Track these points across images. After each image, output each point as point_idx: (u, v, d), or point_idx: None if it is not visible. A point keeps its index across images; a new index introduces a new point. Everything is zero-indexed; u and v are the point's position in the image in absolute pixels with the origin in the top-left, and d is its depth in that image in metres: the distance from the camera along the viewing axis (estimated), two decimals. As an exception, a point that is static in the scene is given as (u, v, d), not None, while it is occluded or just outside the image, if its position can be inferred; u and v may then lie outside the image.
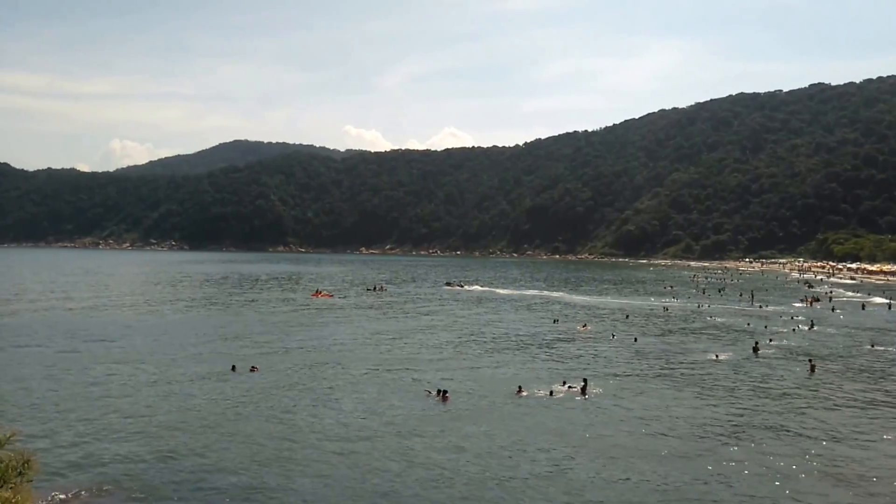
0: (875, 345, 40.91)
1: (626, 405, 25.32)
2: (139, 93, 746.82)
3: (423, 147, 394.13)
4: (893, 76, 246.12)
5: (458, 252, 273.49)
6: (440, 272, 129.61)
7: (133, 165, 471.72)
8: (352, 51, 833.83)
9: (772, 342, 41.26)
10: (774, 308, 64.07)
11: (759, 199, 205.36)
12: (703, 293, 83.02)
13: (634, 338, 42.59)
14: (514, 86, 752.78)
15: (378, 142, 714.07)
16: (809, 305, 67.47)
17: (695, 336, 45.00)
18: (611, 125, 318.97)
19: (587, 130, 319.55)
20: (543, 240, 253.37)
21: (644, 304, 66.96)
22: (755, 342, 39.72)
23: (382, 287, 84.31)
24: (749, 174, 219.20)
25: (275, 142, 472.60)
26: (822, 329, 48.66)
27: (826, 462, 19.15)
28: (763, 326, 48.91)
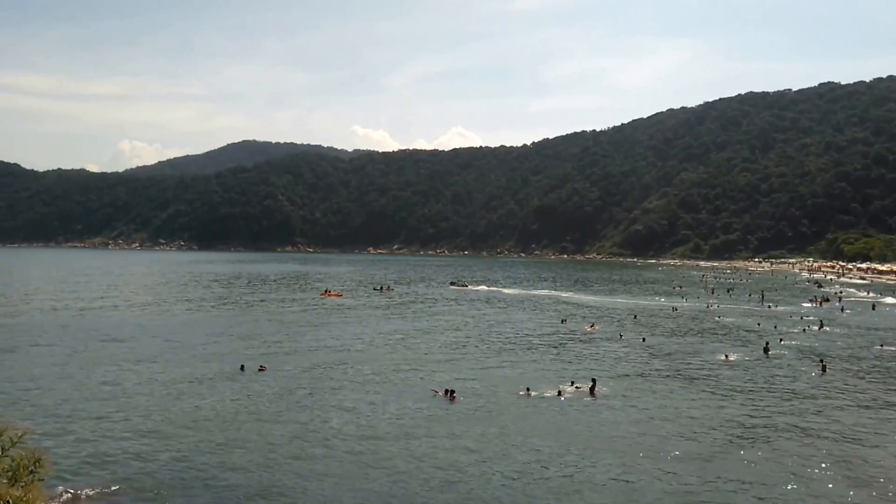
0: (885, 345, 40.68)
1: (636, 405, 25.23)
2: (148, 93, 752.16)
3: (431, 147, 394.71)
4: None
5: (466, 252, 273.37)
6: (448, 272, 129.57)
7: (142, 166, 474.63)
8: (360, 51, 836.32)
9: (782, 342, 41.09)
10: (784, 308, 63.74)
11: (769, 199, 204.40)
12: (712, 293, 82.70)
13: (643, 338, 42.46)
14: (522, 85, 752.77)
15: (386, 142, 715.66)
16: (819, 305, 67.10)
17: (704, 336, 44.82)
18: (619, 125, 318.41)
19: (595, 130, 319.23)
20: (551, 240, 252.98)
21: (653, 305, 66.75)
22: (766, 342, 39.53)
23: (389, 287, 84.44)
24: (758, 174, 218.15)
25: (283, 142, 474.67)
26: (832, 329, 48.44)
27: (843, 463, 18.97)
28: (773, 327, 48.67)
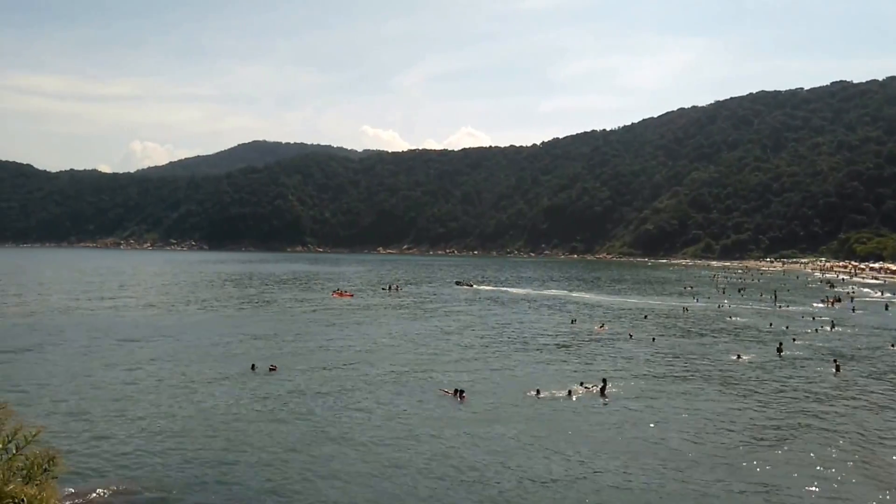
0: None
1: (647, 406, 25.12)
2: (159, 94, 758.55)
3: (441, 147, 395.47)
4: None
5: (476, 252, 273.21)
6: (457, 272, 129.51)
7: (153, 166, 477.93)
8: (369, 51, 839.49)
9: (796, 342, 40.85)
10: (795, 308, 63.33)
11: (780, 198, 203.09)
12: (723, 293, 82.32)
13: (653, 338, 42.30)
14: (532, 85, 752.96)
15: (395, 142, 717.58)
16: (830, 305, 66.64)
17: (716, 336, 44.58)
18: (629, 124, 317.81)
19: (605, 129, 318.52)
20: (561, 239, 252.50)
21: (663, 305, 66.46)
22: (779, 342, 39.29)
23: (398, 287, 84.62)
24: (770, 173, 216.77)
25: (293, 142, 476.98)
26: (844, 329, 48.11)
27: (864, 465, 18.73)
28: (784, 327, 48.39)
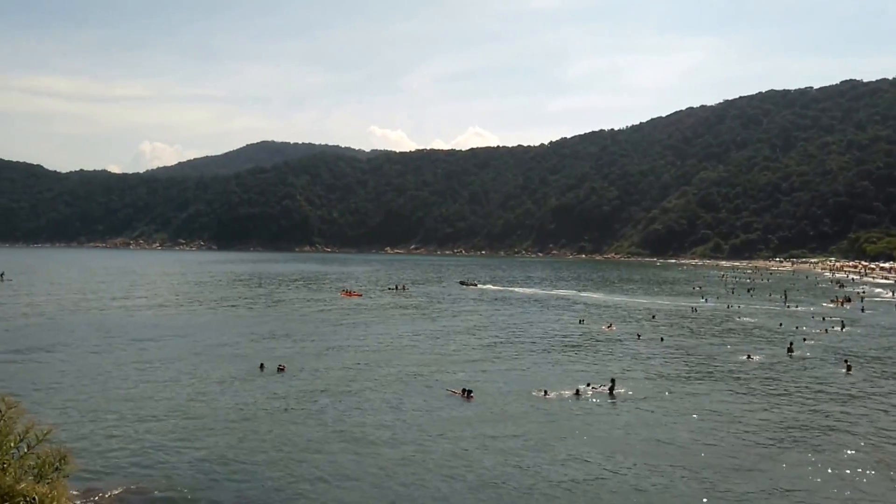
0: None
1: (656, 406, 25.03)
2: (168, 95, 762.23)
3: (448, 147, 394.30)
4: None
5: (483, 252, 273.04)
6: (465, 272, 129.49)
7: (162, 167, 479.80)
8: (377, 51, 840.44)
9: (806, 342, 40.68)
10: (805, 308, 63.01)
11: (790, 198, 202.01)
12: (732, 293, 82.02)
13: (661, 338, 42.19)
14: (539, 85, 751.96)
15: (403, 142, 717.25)
16: (840, 306, 66.29)
17: (725, 337, 44.40)
18: (637, 123, 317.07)
19: (613, 129, 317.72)
20: (569, 239, 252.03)
21: (671, 305, 66.25)
22: (790, 342, 39.11)
23: (404, 287, 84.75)
24: (779, 172, 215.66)
25: (301, 142, 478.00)
26: (854, 329, 47.89)
27: (880, 465, 18.55)
28: (794, 327, 48.16)
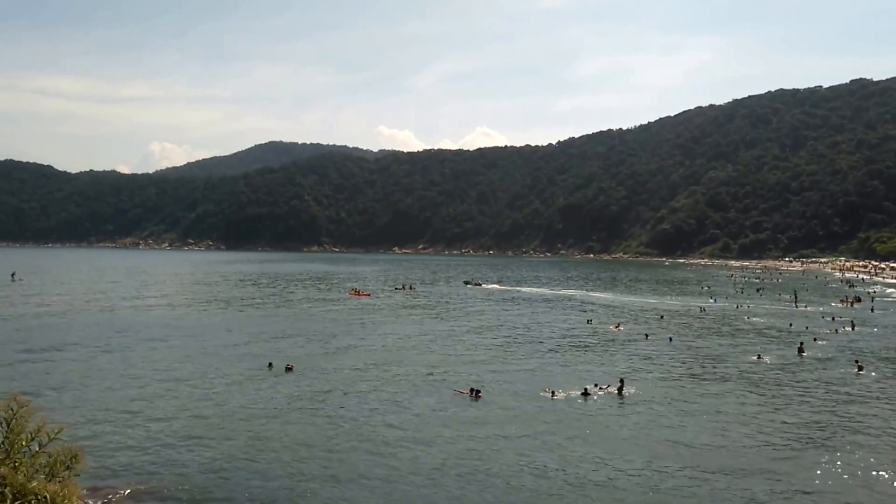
0: None
1: (666, 407, 24.92)
2: (177, 96, 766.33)
3: (456, 147, 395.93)
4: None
5: (491, 252, 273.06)
6: (472, 272, 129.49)
7: (171, 167, 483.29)
8: (385, 52, 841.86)
9: (816, 342, 40.48)
10: (814, 308, 62.67)
11: (799, 198, 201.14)
12: (741, 293, 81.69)
13: (669, 338, 42.04)
14: (547, 85, 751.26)
15: (411, 142, 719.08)
16: (850, 306, 65.89)
17: (735, 337, 44.20)
18: (645, 123, 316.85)
19: (621, 129, 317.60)
20: (577, 239, 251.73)
21: (680, 305, 66.03)
22: (801, 342, 38.90)
23: (412, 286, 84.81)
24: (789, 172, 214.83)
25: (309, 143, 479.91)
26: (864, 329, 47.58)
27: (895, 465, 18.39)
28: (804, 327, 47.91)
